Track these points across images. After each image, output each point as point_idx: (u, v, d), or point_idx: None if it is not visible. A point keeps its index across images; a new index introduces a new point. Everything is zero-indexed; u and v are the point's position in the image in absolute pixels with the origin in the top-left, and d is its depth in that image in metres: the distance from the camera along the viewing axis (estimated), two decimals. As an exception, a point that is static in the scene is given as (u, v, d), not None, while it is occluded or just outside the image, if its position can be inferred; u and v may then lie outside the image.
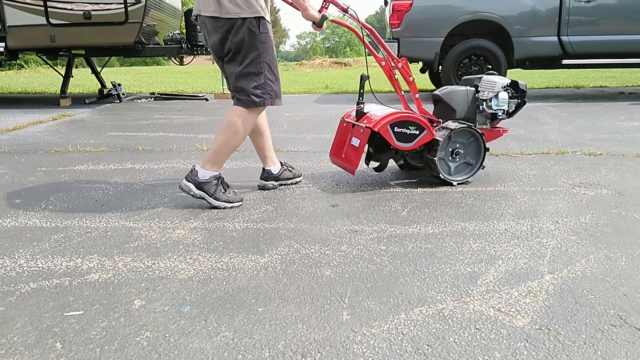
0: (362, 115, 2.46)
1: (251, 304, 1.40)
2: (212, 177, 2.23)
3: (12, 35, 6.05)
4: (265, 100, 2.19)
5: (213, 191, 2.21)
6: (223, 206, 2.22)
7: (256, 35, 2.11)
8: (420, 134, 2.39)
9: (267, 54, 2.16)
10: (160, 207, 2.27)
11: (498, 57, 6.06)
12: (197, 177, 2.21)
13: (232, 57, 2.16)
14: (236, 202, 2.26)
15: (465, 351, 1.16)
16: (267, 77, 2.18)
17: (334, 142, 2.63)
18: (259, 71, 2.15)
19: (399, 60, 2.52)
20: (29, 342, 1.22)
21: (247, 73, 2.15)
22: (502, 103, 2.52)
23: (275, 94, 2.23)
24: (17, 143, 3.88)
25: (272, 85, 2.20)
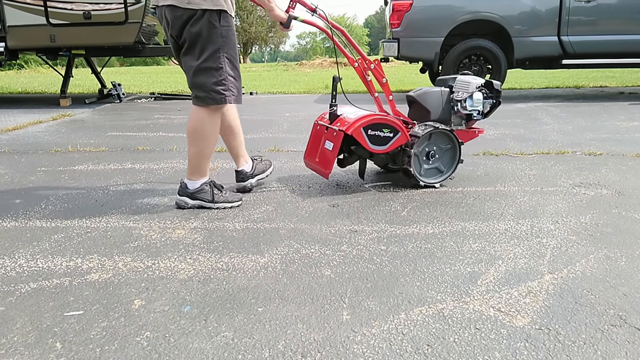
0: (336, 117, 2.42)
1: (251, 304, 1.40)
2: (202, 184, 2.20)
3: (12, 35, 6.04)
4: (226, 98, 2.09)
5: (209, 197, 2.20)
6: (223, 207, 2.21)
7: (216, 29, 2.01)
8: (394, 137, 2.36)
9: (228, 49, 2.06)
10: (160, 207, 2.27)
11: (498, 57, 6.06)
12: (187, 189, 2.20)
13: (188, 49, 2.06)
14: (235, 201, 2.25)
15: (465, 351, 1.16)
16: (228, 72, 2.07)
17: (308, 145, 2.58)
18: (219, 66, 2.05)
19: (371, 62, 2.48)
20: (29, 342, 1.22)
21: (205, 68, 2.04)
22: (477, 103, 2.50)
23: (237, 90, 2.14)
24: (17, 143, 3.88)
25: (234, 81, 2.11)
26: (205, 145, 2.16)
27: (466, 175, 2.74)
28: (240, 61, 2.36)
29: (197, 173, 2.20)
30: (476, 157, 3.21)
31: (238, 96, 2.15)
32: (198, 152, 2.16)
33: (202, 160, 2.19)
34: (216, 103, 2.09)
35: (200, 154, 2.17)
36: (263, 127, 4.53)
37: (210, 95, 2.07)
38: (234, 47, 2.10)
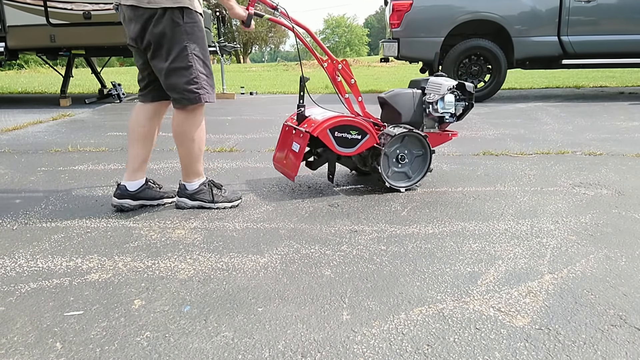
0: (304, 118, 2.39)
1: (251, 304, 1.40)
2: (201, 184, 2.18)
3: (12, 35, 6.04)
4: (201, 96, 2.03)
5: (209, 197, 2.18)
6: (223, 206, 2.19)
7: (179, 26, 1.94)
8: (362, 139, 2.32)
9: (196, 46, 1.99)
10: (160, 207, 2.27)
11: (498, 57, 6.06)
12: (186, 190, 2.18)
13: (154, 51, 1.99)
14: (235, 200, 2.23)
15: (465, 351, 1.16)
16: (198, 69, 2.00)
17: (277, 146, 2.56)
18: (188, 64, 1.98)
19: (338, 62, 2.43)
20: (29, 342, 1.22)
21: (175, 68, 1.98)
22: (449, 106, 2.46)
23: (211, 87, 2.08)
24: (17, 143, 3.88)
25: (207, 78, 2.05)
26: (192, 146, 2.11)
27: (466, 175, 2.74)
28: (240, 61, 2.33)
29: (192, 174, 2.17)
30: (476, 157, 3.21)
31: (212, 94, 2.09)
32: (187, 153, 2.12)
33: (193, 161, 2.15)
34: (191, 103, 2.03)
35: (189, 155, 2.13)
36: (263, 127, 4.53)
37: (184, 96, 2.01)
38: (203, 43, 2.03)
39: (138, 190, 2.21)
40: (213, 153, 3.43)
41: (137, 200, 2.21)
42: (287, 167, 2.41)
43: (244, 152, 3.42)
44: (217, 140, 3.93)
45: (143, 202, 2.24)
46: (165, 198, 2.29)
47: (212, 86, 2.09)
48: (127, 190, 2.20)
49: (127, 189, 2.19)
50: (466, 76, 6.25)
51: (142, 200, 2.23)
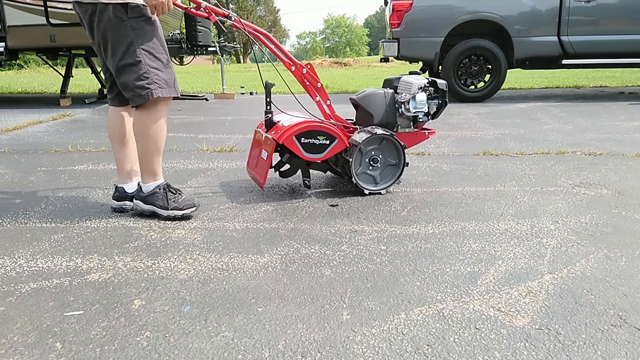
0: (272, 125, 2.36)
1: (251, 304, 1.40)
2: (156, 187, 2.06)
3: (12, 35, 6.04)
4: (153, 92, 1.91)
5: (162, 202, 2.05)
6: (173, 215, 2.04)
7: (124, 22, 1.85)
8: (331, 144, 2.28)
9: (143, 40, 1.90)
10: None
11: (498, 57, 6.06)
12: (141, 192, 2.07)
13: (103, 50, 1.93)
14: (187, 208, 2.06)
15: (465, 351, 1.16)
16: (148, 64, 1.91)
17: (250, 153, 2.55)
18: (136, 60, 1.89)
19: (302, 66, 2.38)
20: (29, 342, 1.22)
21: (124, 66, 1.90)
22: (421, 105, 2.41)
23: (165, 82, 1.95)
24: (17, 143, 3.88)
25: (159, 72, 1.93)
26: (148, 143, 2.01)
27: (466, 175, 2.74)
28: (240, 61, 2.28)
29: (148, 174, 2.06)
30: (476, 157, 3.21)
31: (169, 88, 1.97)
32: (142, 150, 2.02)
33: (148, 157, 2.04)
34: (143, 100, 1.93)
35: (144, 151, 2.02)
36: (263, 127, 4.53)
37: (135, 94, 1.92)
38: (152, 37, 1.93)
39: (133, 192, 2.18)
40: (213, 153, 3.43)
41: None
42: (256, 173, 2.40)
43: (244, 152, 3.42)
44: (217, 140, 3.93)
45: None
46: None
47: (167, 80, 1.97)
48: (126, 192, 2.18)
49: (126, 191, 2.18)
50: (466, 76, 6.25)
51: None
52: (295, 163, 2.38)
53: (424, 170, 2.86)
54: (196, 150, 3.53)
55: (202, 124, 4.89)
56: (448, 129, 4.30)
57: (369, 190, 2.38)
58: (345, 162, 2.34)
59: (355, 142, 2.31)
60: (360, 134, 2.34)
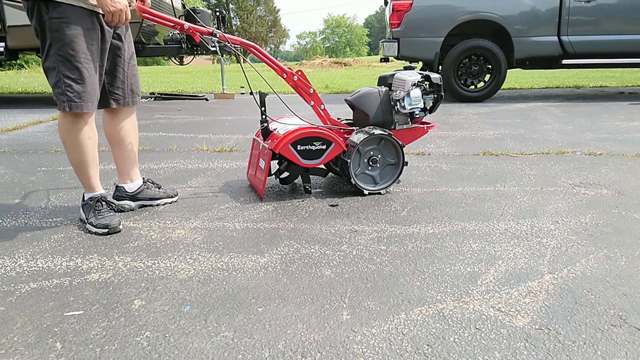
0: (269, 133, 2.36)
1: (251, 304, 1.40)
2: (89, 198, 1.99)
3: (12, 35, 6.04)
4: (62, 104, 1.79)
5: (87, 214, 1.97)
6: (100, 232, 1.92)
7: (44, 22, 1.73)
8: (327, 149, 2.28)
9: (61, 45, 1.74)
10: (160, 207, 2.26)
11: (498, 57, 6.06)
12: (83, 199, 2.03)
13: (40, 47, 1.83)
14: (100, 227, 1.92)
15: (465, 351, 1.16)
16: (62, 73, 1.77)
17: (249, 161, 2.56)
18: (52, 66, 1.78)
19: (293, 74, 2.36)
20: (29, 342, 1.22)
21: (46, 68, 1.81)
22: (416, 101, 2.39)
23: (78, 95, 1.79)
24: (17, 143, 3.88)
25: (73, 84, 1.78)
26: (71, 155, 1.91)
27: (466, 175, 2.74)
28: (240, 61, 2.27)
29: (85, 186, 2.00)
30: (476, 157, 3.21)
31: (81, 102, 1.81)
32: (72, 162, 1.94)
33: (79, 169, 1.95)
34: (59, 108, 1.83)
35: (72, 163, 1.95)
36: (263, 127, 4.53)
37: (56, 98, 1.82)
38: (72, 43, 1.75)
39: (137, 191, 2.21)
40: (213, 153, 3.44)
41: (137, 200, 2.22)
42: (256, 181, 2.42)
43: (244, 152, 3.42)
44: (217, 140, 3.93)
45: (143, 202, 2.23)
46: (165, 198, 2.28)
47: (81, 94, 1.80)
48: (126, 191, 2.18)
49: (126, 190, 2.18)
50: (466, 76, 6.25)
51: (142, 200, 2.23)
52: (294, 170, 2.38)
53: (424, 170, 2.86)
54: (196, 150, 3.53)
55: (202, 124, 4.89)
56: (448, 129, 4.30)
57: (369, 190, 2.37)
58: (344, 162, 2.34)
59: (353, 143, 2.31)
60: (358, 135, 2.34)
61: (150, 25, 6.47)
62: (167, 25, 2.20)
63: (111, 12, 1.75)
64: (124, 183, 2.20)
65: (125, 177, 2.19)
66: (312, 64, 18.79)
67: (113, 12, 1.76)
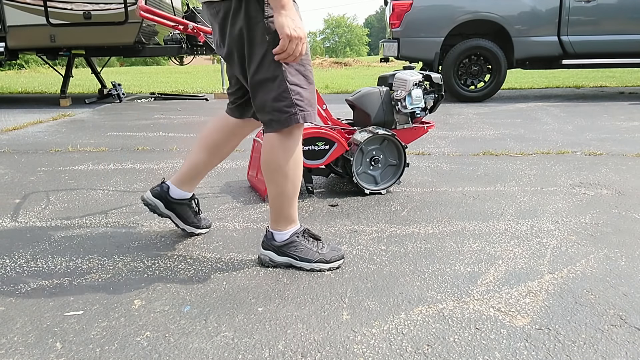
0: None
1: (251, 304, 1.40)
2: (293, 234, 1.63)
3: (12, 35, 6.04)
4: (294, 117, 1.48)
5: (302, 253, 1.61)
6: (318, 268, 1.60)
7: (257, 23, 1.42)
8: (330, 149, 2.27)
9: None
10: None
11: (498, 57, 6.06)
12: (274, 241, 1.63)
13: (238, 59, 1.51)
14: (335, 260, 1.63)
15: (465, 351, 1.16)
16: (287, 80, 1.46)
17: (250, 162, 2.56)
18: (273, 75, 1.45)
19: None
20: (29, 342, 1.22)
21: (259, 82, 1.48)
22: (417, 101, 2.39)
23: (309, 102, 1.51)
24: (17, 143, 3.88)
25: (300, 92, 1.49)
26: (285, 183, 1.58)
27: (466, 175, 2.74)
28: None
29: (283, 220, 1.63)
30: (476, 157, 3.21)
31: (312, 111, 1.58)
32: (278, 193, 1.59)
33: (285, 202, 1.61)
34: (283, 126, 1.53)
35: (280, 195, 1.59)
36: (263, 127, 4.53)
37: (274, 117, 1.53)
38: None
39: (176, 201, 1.83)
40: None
41: (169, 210, 1.84)
42: (258, 183, 2.42)
43: (244, 152, 3.42)
44: (217, 140, 3.92)
45: (172, 215, 1.85)
46: (194, 227, 1.90)
47: (311, 100, 1.53)
48: (168, 193, 1.81)
49: (168, 193, 1.81)
50: (466, 76, 6.25)
51: (173, 213, 1.85)
52: None
53: (424, 170, 2.86)
54: (196, 150, 3.52)
55: (202, 124, 4.88)
56: (448, 129, 4.30)
57: (370, 190, 2.37)
58: (346, 161, 2.34)
59: (356, 142, 2.31)
60: (361, 134, 2.34)
61: (150, 25, 6.47)
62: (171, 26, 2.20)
63: (290, 37, 1.35)
64: (177, 186, 1.84)
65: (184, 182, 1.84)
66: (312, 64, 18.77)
67: (292, 38, 1.35)
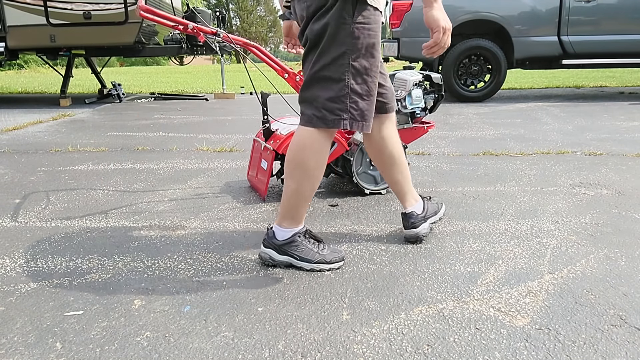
0: (271, 134, 2.35)
1: (251, 304, 1.40)
2: (295, 234, 1.63)
3: (12, 35, 6.05)
4: (340, 121, 1.50)
5: (303, 252, 1.62)
6: (318, 268, 1.61)
7: (345, 25, 1.44)
8: (331, 149, 2.23)
9: (357, 55, 1.49)
10: (160, 207, 2.27)
11: (498, 57, 6.06)
12: (275, 239, 1.63)
13: (307, 50, 1.54)
14: (336, 261, 1.63)
15: (465, 351, 1.16)
16: (351, 87, 1.48)
17: (250, 162, 2.57)
18: (340, 77, 1.48)
19: (295, 74, 2.30)
20: (29, 342, 1.22)
21: (321, 77, 1.50)
22: (417, 101, 2.38)
23: (362, 114, 1.52)
24: (17, 143, 3.88)
25: (358, 102, 1.51)
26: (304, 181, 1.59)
27: (466, 175, 2.74)
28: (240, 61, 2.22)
29: (290, 219, 1.63)
30: (476, 157, 3.20)
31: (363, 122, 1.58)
32: (294, 189, 1.58)
33: (300, 202, 1.60)
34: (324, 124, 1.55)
35: (296, 192, 1.58)
36: (263, 127, 4.53)
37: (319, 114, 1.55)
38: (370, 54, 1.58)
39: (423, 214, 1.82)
40: (213, 153, 3.43)
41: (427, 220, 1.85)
42: (258, 182, 2.41)
43: (244, 152, 3.42)
44: (217, 140, 3.93)
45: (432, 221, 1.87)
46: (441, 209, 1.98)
47: (365, 113, 1.53)
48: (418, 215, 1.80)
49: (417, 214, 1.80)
50: (466, 76, 6.25)
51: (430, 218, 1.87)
52: None
53: (424, 170, 2.86)
54: (196, 150, 3.53)
55: (202, 124, 4.88)
56: (448, 129, 4.30)
57: (370, 190, 2.37)
58: (346, 161, 2.33)
59: (356, 142, 2.31)
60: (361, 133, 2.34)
61: (150, 25, 6.47)
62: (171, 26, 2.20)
63: (445, 29, 1.43)
64: (412, 206, 1.83)
65: (409, 199, 1.84)
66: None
67: (446, 30, 1.43)
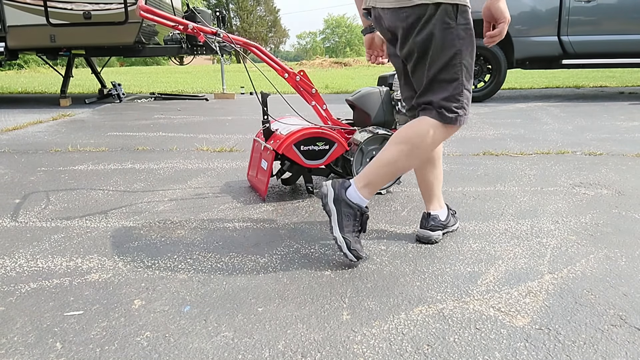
0: (271, 134, 2.36)
1: (251, 304, 1.40)
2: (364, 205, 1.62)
3: (12, 35, 6.05)
4: (460, 118, 1.61)
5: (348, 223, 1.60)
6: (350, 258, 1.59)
7: (450, 28, 1.53)
8: (330, 149, 2.27)
9: (465, 54, 1.57)
10: (160, 207, 2.27)
11: (498, 57, 6.06)
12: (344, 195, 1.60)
13: (417, 60, 1.60)
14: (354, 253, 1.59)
15: (465, 351, 1.16)
16: (464, 85, 1.59)
17: (250, 162, 2.57)
18: (454, 77, 1.57)
19: (296, 74, 2.35)
20: (29, 342, 1.22)
21: (443, 80, 1.59)
22: None
23: (468, 108, 1.66)
24: (17, 143, 3.88)
25: (469, 96, 1.64)
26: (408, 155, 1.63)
27: (466, 175, 2.74)
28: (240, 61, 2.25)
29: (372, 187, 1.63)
30: (476, 157, 3.21)
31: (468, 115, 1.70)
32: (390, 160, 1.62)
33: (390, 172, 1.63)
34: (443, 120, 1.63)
35: (390, 163, 1.61)
36: (263, 127, 4.53)
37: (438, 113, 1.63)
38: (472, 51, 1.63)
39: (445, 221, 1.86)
40: (213, 153, 3.44)
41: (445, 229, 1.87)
42: (258, 182, 2.41)
43: (244, 152, 3.42)
44: (217, 140, 3.93)
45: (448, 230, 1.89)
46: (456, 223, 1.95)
47: (469, 104, 1.66)
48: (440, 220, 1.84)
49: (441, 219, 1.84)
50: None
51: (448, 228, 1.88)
52: (297, 170, 2.37)
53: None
54: (196, 150, 3.53)
55: (202, 124, 4.88)
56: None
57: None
58: (346, 161, 2.34)
59: (356, 141, 2.31)
60: (361, 134, 2.34)
61: (150, 25, 6.47)
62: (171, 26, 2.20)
63: (508, 20, 1.53)
64: (436, 210, 1.85)
65: (435, 202, 1.87)
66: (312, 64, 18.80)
67: (507, 21, 1.54)
